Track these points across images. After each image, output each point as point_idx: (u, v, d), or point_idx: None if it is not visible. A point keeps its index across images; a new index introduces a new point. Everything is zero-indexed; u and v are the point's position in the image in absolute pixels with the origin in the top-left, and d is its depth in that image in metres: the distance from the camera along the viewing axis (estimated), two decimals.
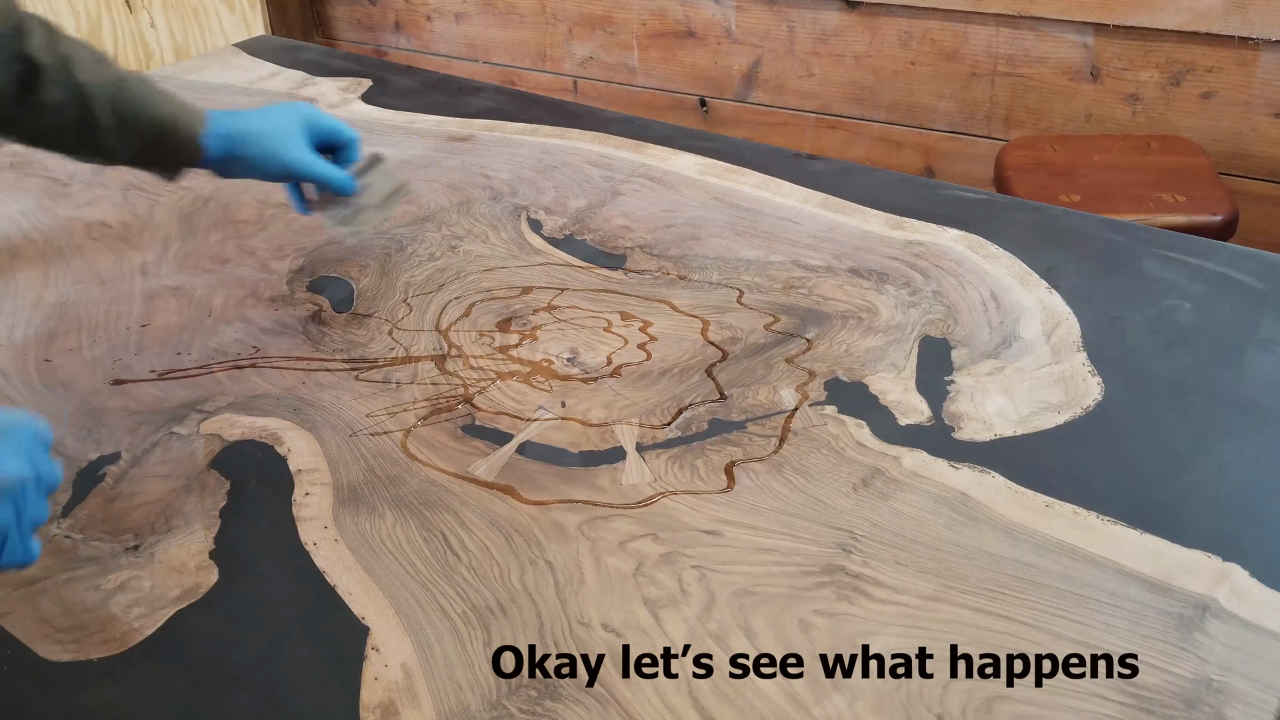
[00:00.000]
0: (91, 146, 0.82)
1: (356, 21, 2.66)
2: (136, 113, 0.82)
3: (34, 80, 0.77)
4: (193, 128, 0.85)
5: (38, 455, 0.55)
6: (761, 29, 2.07)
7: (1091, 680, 0.57)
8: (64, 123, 0.80)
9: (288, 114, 0.91)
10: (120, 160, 0.85)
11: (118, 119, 0.81)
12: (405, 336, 0.91)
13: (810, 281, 0.96)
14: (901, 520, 0.69)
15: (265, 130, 0.89)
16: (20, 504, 0.53)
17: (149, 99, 0.83)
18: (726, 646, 0.60)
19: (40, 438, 0.56)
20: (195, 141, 0.85)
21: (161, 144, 0.84)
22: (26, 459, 0.54)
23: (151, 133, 0.83)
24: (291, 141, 0.90)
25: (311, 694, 0.59)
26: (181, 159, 0.86)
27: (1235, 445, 0.74)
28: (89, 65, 0.80)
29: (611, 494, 0.72)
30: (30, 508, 0.54)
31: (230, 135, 0.87)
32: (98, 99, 0.80)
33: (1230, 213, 1.42)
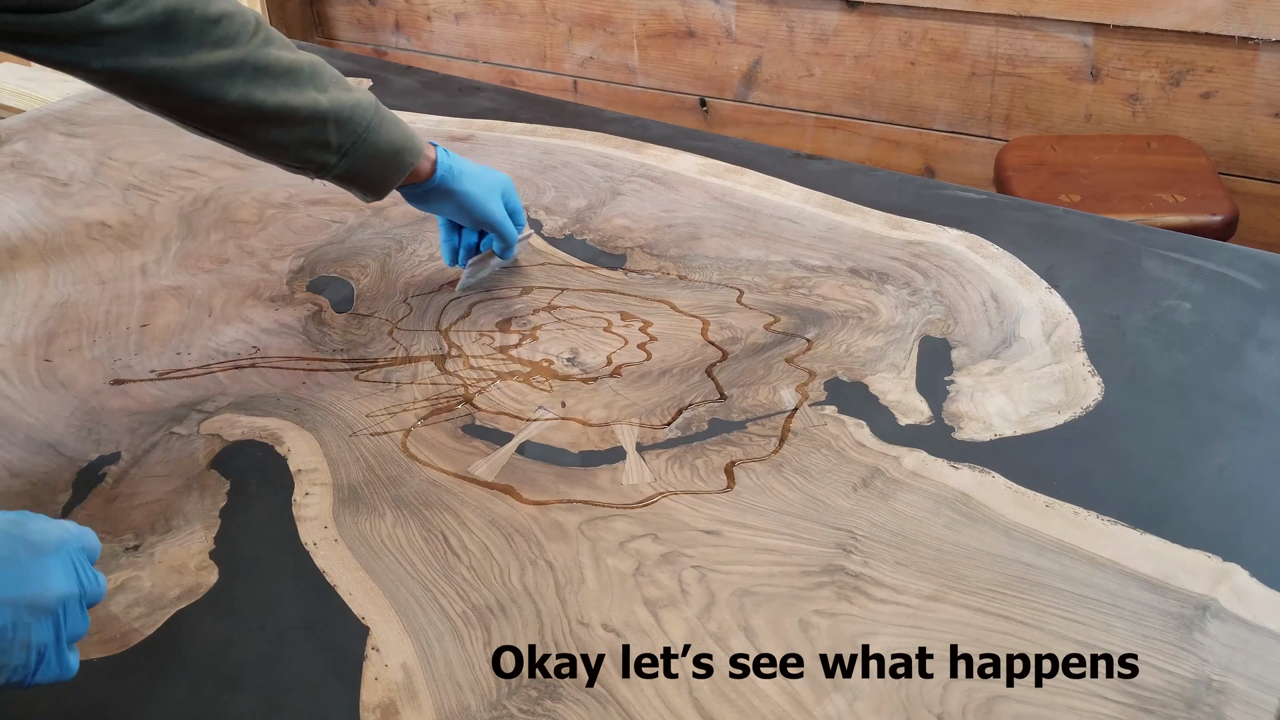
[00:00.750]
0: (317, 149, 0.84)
1: (356, 21, 2.66)
2: (367, 124, 0.84)
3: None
4: (416, 147, 0.89)
5: (83, 569, 0.54)
6: (761, 29, 2.07)
7: (1091, 680, 0.57)
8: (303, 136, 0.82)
9: (496, 174, 0.97)
10: (333, 171, 0.86)
11: (345, 132, 0.83)
12: (405, 336, 0.91)
13: (810, 281, 0.96)
14: (901, 520, 0.69)
15: (481, 175, 0.95)
16: (61, 621, 0.52)
17: (379, 115, 0.86)
18: (726, 646, 0.60)
19: (87, 551, 0.55)
20: (416, 161, 0.88)
21: (386, 160, 0.87)
22: (73, 575, 0.53)
23: (384, 149, 0.86)
24: (495, 193, 0.95)
25: (311, 694, 0.59)
26: (395, 177, 0.89)
27: (1235, 445, 0.74)
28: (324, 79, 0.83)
29: (611, 494, 0.72)
30: (71, 623, 0.53)
31: (452, 167, 0.92)
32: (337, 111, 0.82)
33: (1230, 213, 1.42)
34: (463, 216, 0.95)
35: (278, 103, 0.79)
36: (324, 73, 0.83)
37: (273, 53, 0.80)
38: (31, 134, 1.34)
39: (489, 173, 0.97)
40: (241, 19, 0.79)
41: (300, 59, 0.82)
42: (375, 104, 0.86)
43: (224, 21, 0.77)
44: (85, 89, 1.61)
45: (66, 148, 1.30)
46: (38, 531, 0.53)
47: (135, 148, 1.29)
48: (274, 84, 0.79)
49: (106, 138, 1.33)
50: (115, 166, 1.25)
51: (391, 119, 0.87)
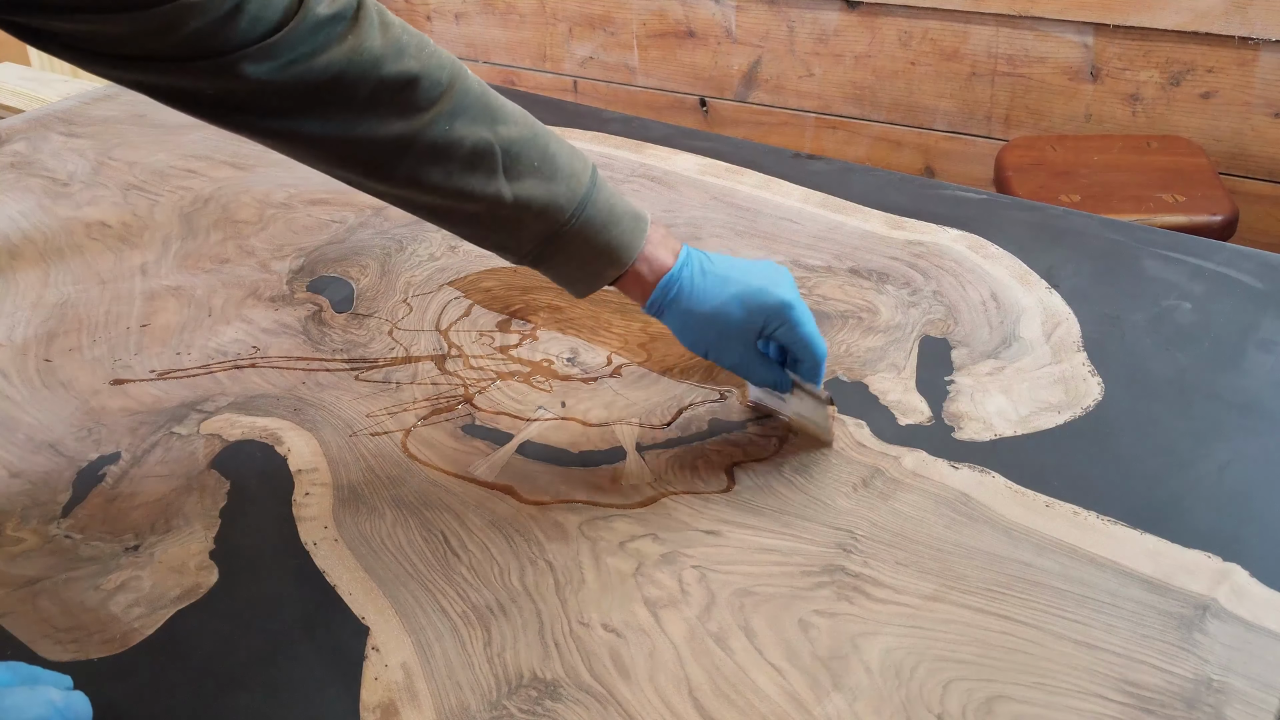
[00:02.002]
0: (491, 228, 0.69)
1: None
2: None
3: None
4: (628, 253, 0.70)
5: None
6: (761, 29, 2.07)
7: (1091, 680, 0.57)
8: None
9: (754, 301, 0.71)
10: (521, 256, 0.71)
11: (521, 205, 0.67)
12: (405, 336, 0.91)
13: (810, 281, 0.96)
14: (901, 520, 0.69)
15: (716, 309, 0.72)
16: None
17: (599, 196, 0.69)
18: (726, 646, 0.60)
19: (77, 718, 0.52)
20: (617, 272, 0.71)
21: (584, 264, 0.70)
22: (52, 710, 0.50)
23: (584, 252, 0.69)
24: (733, 339, 0.73)
25: (311, 694, 0.59)
26: (596, 283, 0.72)
27: (1235, 445, 0.74)
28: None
29: (611, 494, 0.72)
30: None
31: (683, 284, 0.72)
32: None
33: (1230, 213, 1.42)
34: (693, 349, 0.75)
35: (452, 188, 0.66)
36: (524, 156, 0.67)
37: (459, 129, 0.65)
38: (31, 134, 1.34)
39: (739, 299, 0.71)
40: (430, 82, 0.64)
41: (496, 137, 0.66)
42: (583, 199, 0.68)
43: (405, 87, 0.63)
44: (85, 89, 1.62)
45: (66, 148, 1.30)
46: (13, 710, 0.49)
47: (135, 148, 1.29)
48: (451, 167, 0.65)
49: (106, 138, 1.33)
50: (115, 166, 1.25)
51: (602, 220, 0.69)
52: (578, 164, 0.69)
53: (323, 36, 0.60)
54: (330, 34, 0.61)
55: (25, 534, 0.71)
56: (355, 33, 0.61)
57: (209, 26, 0.56)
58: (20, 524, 0.72)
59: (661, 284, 0.72)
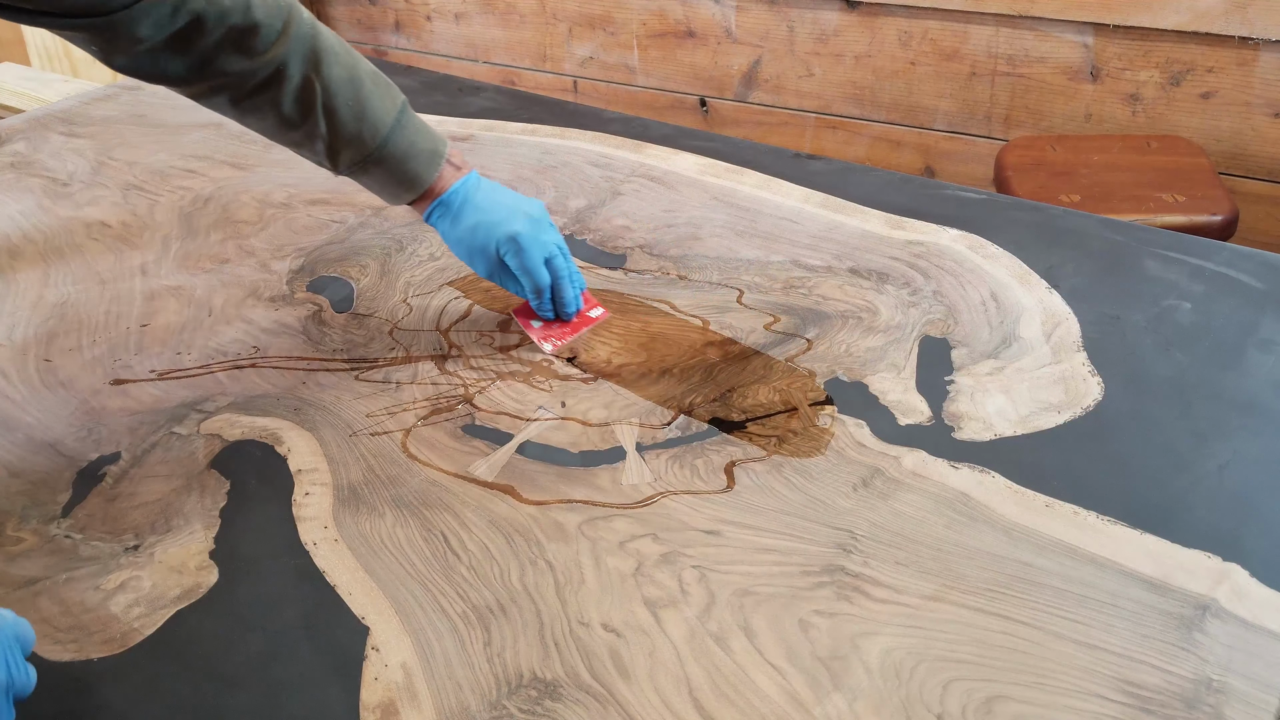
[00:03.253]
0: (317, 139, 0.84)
1: (356, 21, 2.66)
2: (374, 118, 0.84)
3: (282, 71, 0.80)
4: (435, 159, 0.87)
5: (13, 659, 0.53)
6: (761, 29, 2.07)
7: (1091, 680, 0.57)
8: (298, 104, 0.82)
9: (496, 226, 0.88)
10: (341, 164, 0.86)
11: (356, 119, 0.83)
12: (405, 336, 0.91)
13: (810, 281, 0.96)
14: (901, 520, 0.69)
15: (487, 209, 0.89)
16: None
17: (404, 118, 0.85)
18: (726, 646, 0.60)
19: (20, 640, 0.54)
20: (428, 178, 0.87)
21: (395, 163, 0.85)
22: (2, 663, 0.52)
23: (397, 153, 0.85)
24: (486, 253, 0.89)
25: (311, 694, 0.59)
26: (399, 197, 0.88)
27: (1235, 445, 0.74)
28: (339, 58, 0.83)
29: (611, 494, 0.72)
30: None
31: (451, 205, 0.89)
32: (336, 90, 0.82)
33: (1230, 213, 1.42)
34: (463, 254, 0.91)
35: (282, 116, 0.82)
36: (341, 94, 0.82)
37: (290, 69, 0.80)
38: (31, 134, 1.34)
39: (485, 231, 0.89)
40: (268, 30, 0.78)
41: (318, 77, 0.81)
42: (386, 136, 0.84)
43: (247, 32, 0.77)
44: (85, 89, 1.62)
45: (66, 148, 1.30)
46: None
47: (135, 148, 1.29)
48: (280, 99, 0.81)
49: (106, 138, 1.32)
50: (115, 166, 1.25)
51: (405, 149, 0.85)
52: (388, 103, 0.85)
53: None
54: None
55: (25, 534, 0.71)
56: None
57: None
58: (20, 524, 0.72)
59: (430, 207, 0.89)
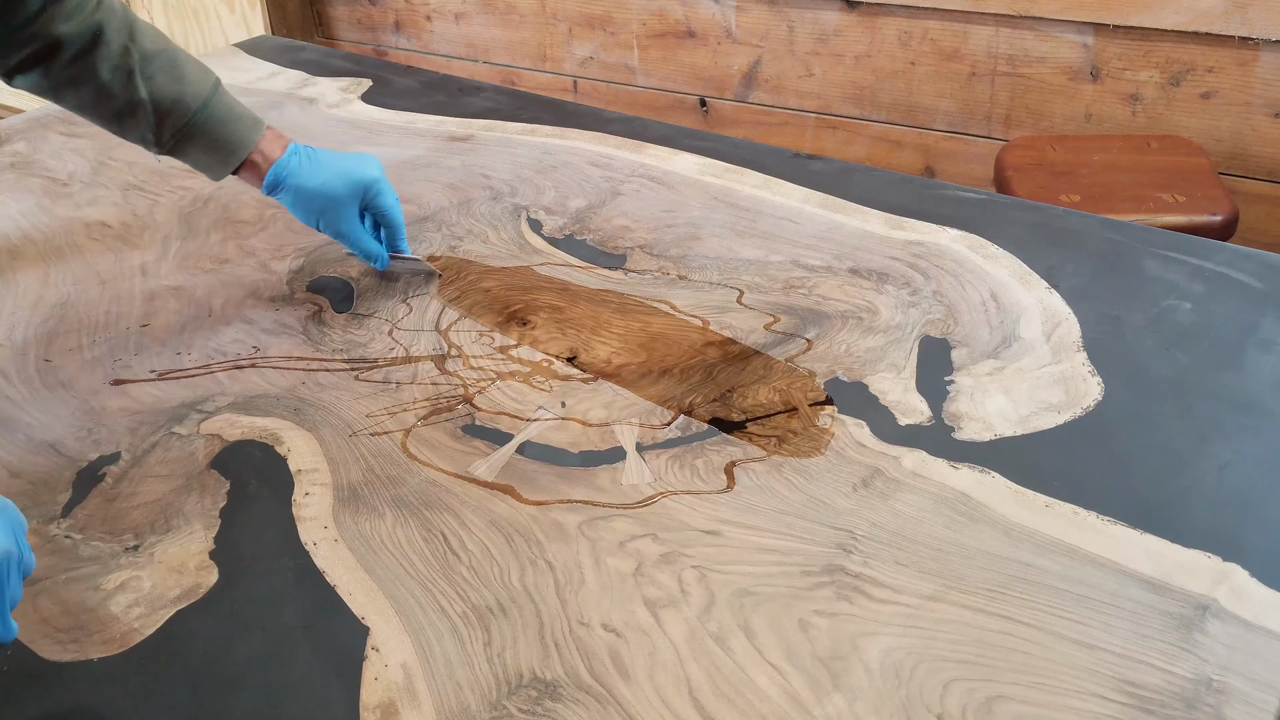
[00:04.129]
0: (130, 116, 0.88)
1: (356, 21, 2.66)
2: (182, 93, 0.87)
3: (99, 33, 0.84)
4: (249, 135, 0.91)
5: (21, 537, 0.55)
6: (761, 29, 2.07)
7: (1091, 680, 0.57)
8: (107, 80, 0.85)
9: (351, 177, 0.93)
10: (158, 142, 0.89)
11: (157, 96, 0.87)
12: (405, 336, 0.91)
13: (810, 281, 0.96)
14: (901, 520, 0.69)
15: (328, 166, 0.93)
16: (3, 580, 0.53)
17: (214, 93, 0.89)
18: (726, 646, 0.60)
19: (19, 521, 0.56)
20: (247, 149, 0.91)
21: (211, 149, 0.90)
22: (11, 537, 0.54)
23: (211, 126, 0.88)
24: (337, 210, 0.93)
25: (311, 694, 0.59)
26: (226, 163, 0.91)
27: (1235, 445, 0.74)
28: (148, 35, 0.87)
29: (611, 494, 0.72)
30: (10, 586, 0.53)
31: (288, 166, 0.92)
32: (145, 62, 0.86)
33: (1230, 213, 1.42)
34: (310, 220, 0.95)
35: (103, 84, 0.85)
36: (156, 61, 0.86)
37: (106, 35, 0.84)
38: (31, 134, 1.34)
39: (341, 178, 0.93)
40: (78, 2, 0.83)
41: (135, 45, 0.85)
42: (206, 99, 0.88)
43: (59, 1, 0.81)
44: None
45: (66, 148, 1.30)
46: None
47: (135, 148, 1.29)
48: (99, 65, 0.84)
49: (106, 138, 1.32)
50: (115, 166, 1.25)
51: (224, 114, 0.90)
52: (203, 75, 0.89)
53: None
54: None
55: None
56: None
57: None
58: None
59: (273, 168, 0.92)
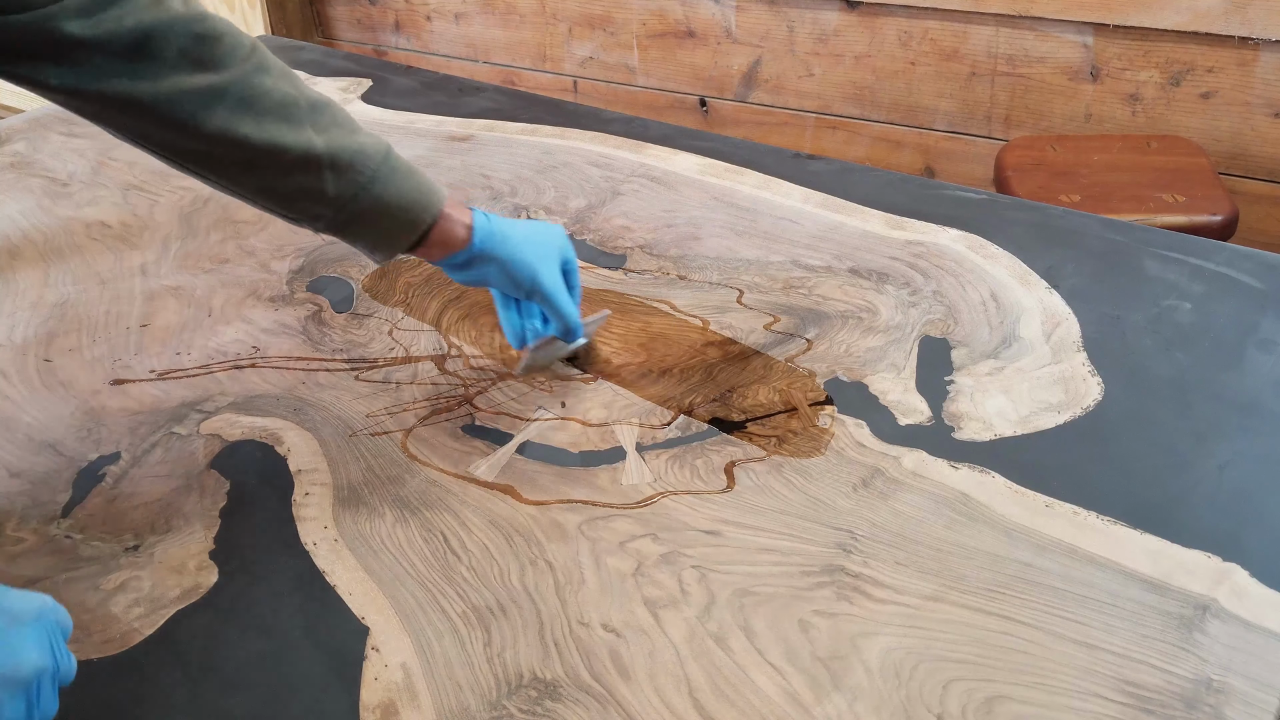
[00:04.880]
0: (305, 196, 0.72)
1: (356, 21, 2.66)
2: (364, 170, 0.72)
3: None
4: (431, 204, 0.75)
5: (58, 645, 0.52)
6: (761, 29, 2.07)
7: (1091, 680, 0.57)
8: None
9: (549, 231, 0.82)
10: (327, 223, 0.74)
11: (334, 170, 0.71)
12: (405, 336, 0.91)
13: (810, 281, 0.96)
14: (901, 520, 0.69)
15: (531, 235, 0.80)
16: (34, 698, 0.49)
17: (391, 166, 0.74)
18: (726, 646, 0.60)
19: (61, 626, 0.53)
20: (429, 220, 0.75)
21: (392, 216, 0.74)
22: (48, 649, 0.51)
23: (391, 203, 0.73)
24: (550, 259, 0.81)
25: (311, 694, 0.59)
26: (403, 237, 0.76)
27: (1235, 445, 0.74)
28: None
29: (611, 494, 0.72)
30: (43, 701, 0.50)
31: (493, 231, 0.78)
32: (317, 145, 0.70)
33: (1230, 213, 1.42)
34: (513, 288, 0.81)
35: (264, 139, 0.68)
36: (327, 112, 0.71)
37: (267, 82, 0.68)
38: (31, 134, 1.34)
39: (542, 230, 0.82)
40: (234, 41, 0.68)
41: (300, 93, 0.70)
42: (386, 151, 0.73)
43: (211, 42, 0.66)
44: None
45: (66, 148, 1.30)
46: (17, 599, 0.50)
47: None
48: (262, 117, 0.68)
49: (106, 138, 1.32)
50: (115, 166, 1.25)
51: (405, 170, 0.74)
52: (371, 130, 0.74)
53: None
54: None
55: (25, 534, 0.71)
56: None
57: None
58: (20, 524, 0.72)
59: (477, 233, 0.77)
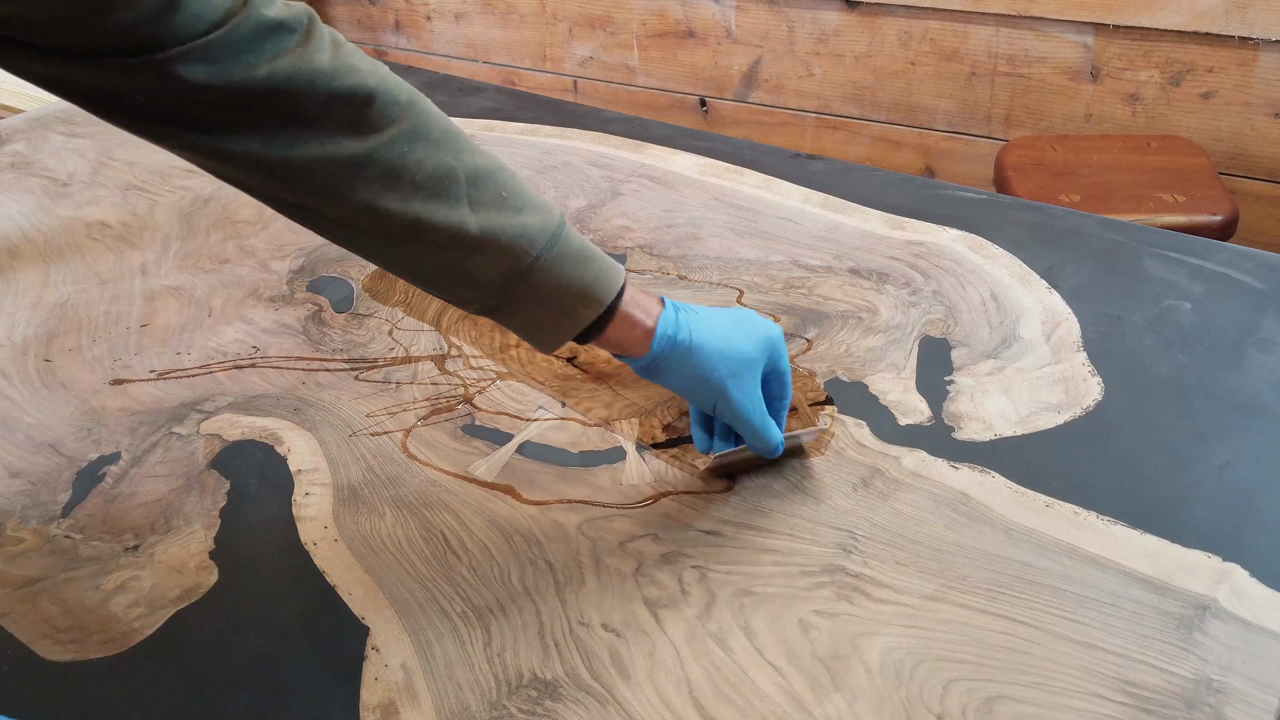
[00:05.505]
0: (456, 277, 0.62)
1: (356, 21, 2.66)
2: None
3: None
4: (598, 297, 0.64)
5: None
6: (761, 29, 2.07)
7: (1091, 680, 0.57)
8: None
9: (754, 331, 0.69)
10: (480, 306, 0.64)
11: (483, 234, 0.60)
12: (405, 336, 0.91)
13: (810, 281, 0.96)
14: (901, 520, 0.69)
15: (728, 338, 0.68)
16: None
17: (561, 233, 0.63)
18: (726, 646, 0.60)
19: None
20: (594, 314, 0.64)
21: (554, 307, 0.63)
22: None
23: (553, 292, 0.63)
24: (741, 372, 0.68)
25: (311, 694, 0.59)
26: (564, 330, 0.65)
27: (1235, 445, 0.74)
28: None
29: (611, 494, 0.72)
30: None
31: (676, 337, 0.66)
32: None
33: (1230, 213, 1.42)
34: (699, 403, 0.70)
35: (410, 217, 0.59)
36: (491, 184, 0.61)
37: (418, 152, 0.59)
38: (31, 134, 1.34)
39: (744, 330, 0.68)
40: (388, 100, 0.58)
41: (459, 163, 0.60)
42: (555, 233, 0.62)
43: (359, 103, 0.57)
44: None
45: (66, 148, 1.30)
46: None
47: (135, 148, 1.29)
48: (410, 194, 0.59)
49: (106, 138, 1.32)
50: (115, 166, 1.25)
51: (576, 255, 0.63)
52: (545, 200, 0.64)
53: (269, 44, 0.55)
54: (277, 43, 0.55)
55: (25, 534, 0.71)
56: (305, 46, 0.56)
57: (141, 17, 0.51)
58: (20, 524, 0.72)
59: (662, 323, 0.66)
